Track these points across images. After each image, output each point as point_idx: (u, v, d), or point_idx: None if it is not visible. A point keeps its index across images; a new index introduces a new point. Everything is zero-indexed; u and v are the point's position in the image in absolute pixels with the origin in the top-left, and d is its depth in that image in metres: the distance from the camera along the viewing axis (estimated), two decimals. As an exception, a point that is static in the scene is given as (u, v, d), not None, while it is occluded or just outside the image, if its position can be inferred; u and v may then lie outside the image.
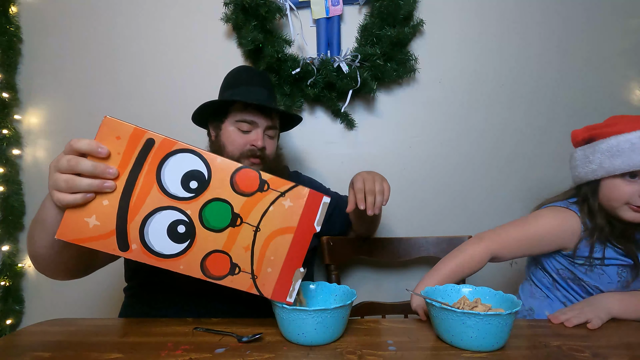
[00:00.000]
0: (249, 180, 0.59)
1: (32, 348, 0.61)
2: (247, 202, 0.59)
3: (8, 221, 1.32)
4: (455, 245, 1.12)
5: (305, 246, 0.62)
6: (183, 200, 0.58)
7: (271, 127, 0.96)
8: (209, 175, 0.58)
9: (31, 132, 1.36)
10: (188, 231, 0.59)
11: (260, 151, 0.93)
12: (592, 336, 0.65)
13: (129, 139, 0.56)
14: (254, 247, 0.60)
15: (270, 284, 0.62)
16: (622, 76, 1.28)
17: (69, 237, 0.56)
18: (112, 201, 0.56)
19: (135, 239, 0.58)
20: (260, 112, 0.93)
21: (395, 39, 1.18)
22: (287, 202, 0.60)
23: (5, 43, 1.30)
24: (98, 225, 0.57)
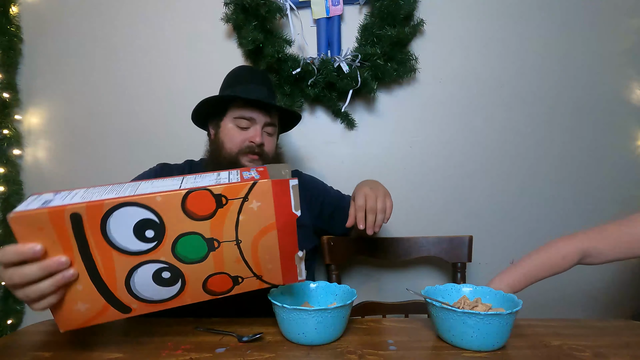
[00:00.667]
0: (202, 203, 0.53)
1: (32, 348, 0.61)
2: (213, 224, 0.54)
3: (9, 221, 1.32)
4: (456, 245, 1.13)
5: (293, 232, 0.59)
6: (149, 252, 0.53)
7: (270, 124, 0.96)
8: (159, 217, 0.52)
9: (32, 132, 1.37)
10: (174, 273, 0.56)
11: (259, 148, 0.93)
12: (593, 335, 0.65)
13: (52, 224, 0.49)
14: (244, 257, 0.58)
15: (277, 275, 0.61)
16: (623, 76, 1.28)
17: (73, 325, 0.55)
18: (84, 283, 0.53)
19: (131, 301, 0.56)
20: (258, 108, 0.93)
21: (396, 38, 1.18)
22: (254, 204, 0.55)
23: (5, 43, 1.30)
24: (89, 307, 0.54)
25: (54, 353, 0.59)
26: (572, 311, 1.31)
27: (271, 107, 0.96)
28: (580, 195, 1.30)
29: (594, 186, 1.30)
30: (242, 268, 0.59)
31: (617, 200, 1.29)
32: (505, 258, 1.32)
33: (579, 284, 1.31)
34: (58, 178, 1.36)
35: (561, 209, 1.30)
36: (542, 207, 1.30)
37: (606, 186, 1.29)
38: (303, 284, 0.73)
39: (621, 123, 1.28)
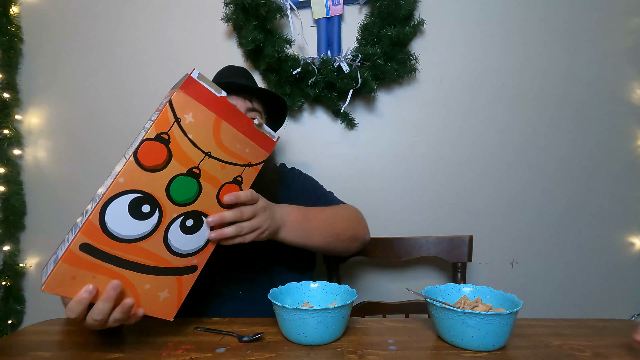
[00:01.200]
0: (154, 152, 0.54)
1: (33, 348, 0.61)
2: (178, 159, 0.56)
3: (9, 221, 1.32)
4: (456, 244, 1.13)
5: (235, 110, 0.61)
6: (161, 219, 0.56)
7: (252, 109, 0.94)
8: (138, 191, 0.54)
9: (32, 132, 1.37)
10: (195, 218, 0.59)
11: None
12: (593, 335, 0.65)
13: (76, 266, 0.51)
14: (224, 160, 0.60)
15: (258, 151, 0.65)
16: (623, 75, 1.28)
17: (174, 311, 0.62)
18: (147, 281, 0.57)
19: (187, 260, 0.61)
20: (237, 95, 0.92)
21: (396, 38, 1.18)
22: (188, 117, 0.56)
23: (6, 43, 1.30)
24: (169, 290, 0.60)
25: (54, 353, 0.59)
26: (573, 311, 1.31)
27: (246, 91, 0.94)
28: (580, 195, 1.30)
29: (594, 186, 1.30)
30: (231, 169, 0.62)
31: (617, 200, 1.29)
32: (505, 258, 1.32)
33: (579, 284, 1.31)
34: (58, 178, 1.36)
35: (561, 209, 1.30)
36: (543, 206, 1.30)
37: (606, 186, 1.29)
38: (303, 283, 0.73)
39: (621, 123, 1.28)
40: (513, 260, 1.32)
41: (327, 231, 0.81)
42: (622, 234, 1.30)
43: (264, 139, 0.66)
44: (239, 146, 0.61)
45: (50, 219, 1.36)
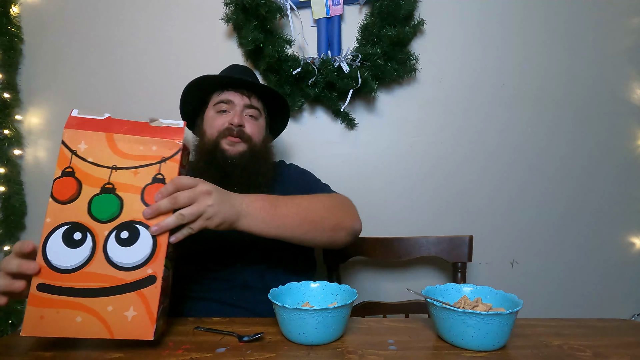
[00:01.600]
0: (64, 188, 0.60)
1: (33, 347, 0.61)
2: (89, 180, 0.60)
3: (9, 221, 1.32)
4: (456, 244, 1.13)
5: (125, 121, 0.63)
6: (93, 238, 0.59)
7: (251, 106, 0.94)
8: (67, 223, 0.59)
9: (32, 132, 1.37)
10: (130, 229, 0.60)
11: (238, 129, 0.89)
12: (593, 335, 0.65)
13: (42, 304, 0.57)
14: (131, 167, 0.61)
15: (168, 142, 0.63)
16: (623, 75, 1.28)
17: (151, 330, 0.59)
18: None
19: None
20: (235, 90, 0.93)
21: (396, 38, 1.18)
22: (82, 145, 0.61)
23: (6, 43, 1.30)
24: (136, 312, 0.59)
25: (55, 353, 0.59)
26: (573, 311, 1.31)
27: (246, 86, 0.94)
28: (580, 194, 1.30)
29: (593, 186, 1.30)
30: (145, 171, 0.62)
31: (617, 200, 1.29)
32: (505, 258, 1.32)
33: (579, 283, 1.31)
34: (58, 178, 1.36)
35: (561, 209, 1.30)
36: (543, 206, 1.30)
37: (606, 186, 1.29)
38: (303, 283, 0.73)
39: (621, 122, 1.28)
40: (513, 260, 1.32)
41: (301, 219, 0.74)
42: (622, 234, 1.30)
43: (168, 130, 0.64)
44: (142, 148, 0.62)
45: (51, 219, 1.36)
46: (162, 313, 0.61)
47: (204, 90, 0.97)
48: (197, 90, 0.97)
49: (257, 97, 0.96)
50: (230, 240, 0.86)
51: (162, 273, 0.59)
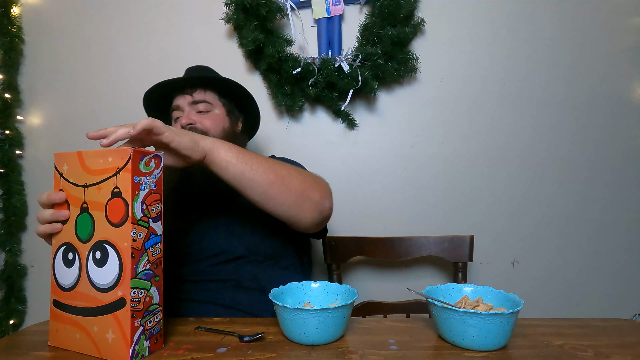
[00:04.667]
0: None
1: (34, 348, 0.61)
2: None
3: (11, 221, 1.32)
4: (457, 244, 1.13)
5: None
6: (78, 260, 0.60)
7: (196, 102, 0.92)
8: (67, 242, 0.61)
9: (33, 133, 1.37)
10: (101, 250, 0.58)
11: (189, 129, 0.88)
12: (594, 335, 0.65)
13: (56, 319, 0.61)
14: (96, 183, 0.59)
15: (120, 151, 0.57)
16: (626, 75, 1.28)
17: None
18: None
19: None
20: (180, 93, 0.93)
21: (396, 38, 1.18)
22: (65, 167, 0.62)
23: (7, 44, 1.31)
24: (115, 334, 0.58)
25: (56, 353, 0.59)
26: (574, 310, 1.31)
27: (186, 84, 0.93)
28: (582, 194, 1.30)
29: (596, 185, 1.29)
30: (105, 186, 0.58)
31: (618, 200, 1.29)
32: (506, 258, 1.31)
33: (580, 283, 1.31)
34: (59, 178, 1.36)
35: (563, 209, 1.30)
36: (544, 206, 1.30)
37: (609, 185, 1.29)
38: (304, 283, 0.73)
39: (622, 122, 1.28)
40: (514, 260, 1.32)
41: (267, 169, 0.72)
42: (623, 233, 1.29)
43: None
44: (101, 161, 0.59)
45: (52, 219, 1.37)
46: (151, 334, 0.58)
47: (166, 103, 0.98)
48: (161, 104, 0.98)
49: (202, 91, 0.94)
50: (222, 240, 0.86)
51: (131, 295, 0.55)
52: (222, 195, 0.87)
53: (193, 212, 0.90)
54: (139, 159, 0.56)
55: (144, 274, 0.57)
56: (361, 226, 1.30)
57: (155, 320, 0.59)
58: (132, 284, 0.55)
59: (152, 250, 0.59)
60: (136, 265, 0.56)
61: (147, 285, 0.58)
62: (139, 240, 0.56)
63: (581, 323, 0.71)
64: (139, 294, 0.56)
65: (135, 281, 0.56)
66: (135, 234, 0.56)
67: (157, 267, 0.60)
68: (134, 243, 0.55)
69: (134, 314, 0.55)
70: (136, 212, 0.56)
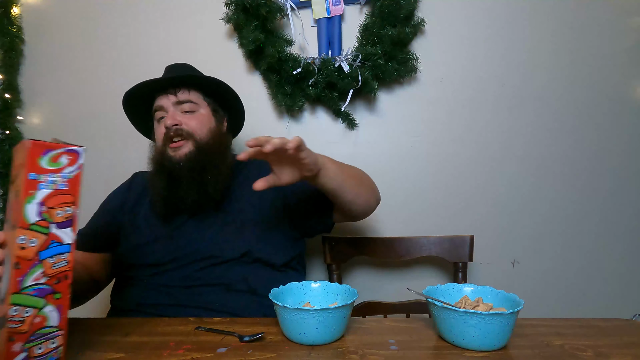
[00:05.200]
0: None
1: (34, 348, 0.61)
2: None
3: (10, 221, 1.32)
4: (457, 244, 1.13)
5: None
6: None
7: (180, 102, 0.90)
8: None
9: (33, 133, 1.37)
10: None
11: (175, 129, 0.87)
12: (595, 335, 0.65)
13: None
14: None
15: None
16: (625, 75, 1.28)
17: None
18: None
19: None
20: (163, 93, 0.91)
21: (397, 38, 1.18)
22: None
23: (7, 44, 1.30)
24: None
25: (56, 353, 0.59)
26: (574, 311, 1.31)
27: (169, 84, 0.91)
28: (582, 194, 1.30)
29: (596, 185, 1.29)
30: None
31: (618, 199, 1.29)
32: (506, 258, 1.31)
33: (580, 283, 1.31)
34: (59, 178, 1.36)
35: (563, 209, 1.30)
36: (544, 206, 1.30)
37: (609, 185, 1.29)
38: (304, 283, 0.73)
39: (622, 122, 1.28)
40: (514, 260, 1.32)
41: (353, 173, 0.86)
42: (624, 233, 1.29)
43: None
44: (18, 156, 0.51)
45: (52, 219, 1.37)
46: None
47: (146, 104, 0.96)
48: (142, 104, 0.97)
49: (187, 90, 0.92)
50: (209, 243, 0.85)
51: (11, 313, 0.46)
52: (209, 200, 0.87)
53: (179, 217, 0.89)
54: (39, 154, 0.47)
55: (36, 290, 0.48)
56: (361, 226, 1.30)
57: (50, 346, 0.49)
58: (14, 300, 0.46)
59: (53, 262, 0.49)
60: (22, 277, 0.46)
61: (39, 303, 0.48)
62: (29, 249, 0.47)
63: (581, 323, 0.71)
64: (23, 313, 0.47)
65: (18, 297, 0.46)
66: (24, 240, 0.47)
67: (60, 283, 0.50)
68: (21, 251, 0.46)
69: (12, 336, 0.46)
70: (28, 214, 0.47)
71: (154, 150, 0.92)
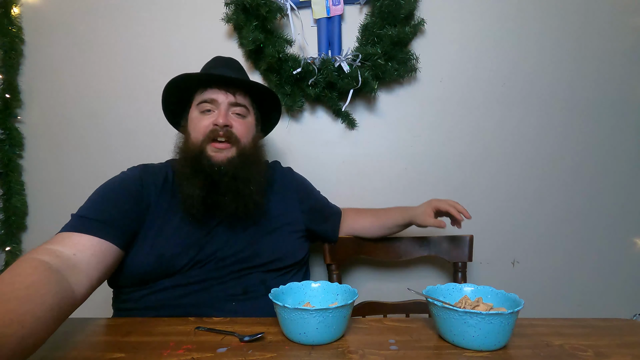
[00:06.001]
0: None
1: (34, 348, 0.61)
2: None
3: (11, 221, 1.32)
4: (457, 244, 1.13)
5: None
6: None
7: (237, 104, 0.87)
8: None
9: (33, 133, 1.37)
10: None
11: (224, 130, 0.83)
12: (594, 335, 0.65)
13: None
14: None
15: None
16: (626, 74, 1.28)
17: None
18: None
19: None
20: (219, 88, 0.86)
21: (396, 38, 1.18)
22: None
23: (7, 44, 1.31)
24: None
25: (55, 353, 0.59)
26: (574, 310, 1.31)
27: (229, 84, 0.87)
28: (581, 194, 1.30)
29: (595, 185, 1.29)
30: None
31: (619, 200, 1.29)
32: (506, 257, 1.32)
33: (580, 283, 1.31)
34: (59, 178, 1.36)
35: (563, 209, 1.30)
36: (544, 206, 1.30)
37: (608, 185, 1.29)
38: (304, 283, 0.73)
39: (622, 122, 1.28)
40: (514, 260, 1.32)
41: None
42: (624, 233, 1.30)
43: None
44: None
45: (52, 219, 1.36)
46: None
47: (185, 88, 0.90)
48: (177, 88, 0.90)
49: (243, 93, 0.88)
50: (241, 250, 0.85)
51: None
52: (247, 212, 0.85)
53: (211, 220, 0.86)
54: None
55: None
56: (361, 226, 1.30)
57: None
58: None
59: None
60: None
61: None
62: None
63: (581, 323, 0.71)
64: None
65: None
66: None
67: None
68: None
69: None
70: None
71: (189, 143, 0.85)
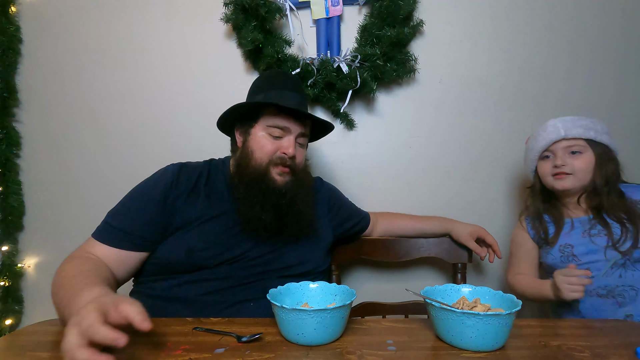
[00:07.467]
0: None
1: (31, 348, 0.61)
2: None
3: (8, 221, 1.32)
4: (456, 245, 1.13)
5: None
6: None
7: (303, 134, 0.91)
8: None
9: (31, 132, 1.36)
10: None
11: (291, 160, 0.87)
12: (591, 336, 0.65)
13: None
14: None
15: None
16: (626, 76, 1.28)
17: None
18: None
19: None
20: (293, 117, 0.87)
21: (395, 39, 1.18)
22: None
23: (4, 43, 1.30)
24: None
25: (53, 353, 0.59)
26: (572, 311, 1.31)
27: (307, 117, 0.90)
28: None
29: (593, 187, 1.29)
30: None
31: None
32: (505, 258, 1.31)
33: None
34: (57, 178, 1.36)
35: (560, 210, 1.30)
36: (542, 207, 1.30)
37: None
38: (302, 284, 0.73)
39: (625, 123, 1.28)
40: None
41: None
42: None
43: None
44: None
45: (49, 219, 1.36)
46: None
47: (259, 106, 0.90)
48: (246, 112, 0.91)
49: (307, 125, 0.92)
50: (260, 252, 0.87)
51: None
52: (301, 230, 0.90)
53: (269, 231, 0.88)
54: None
55: None
56: (360, 227, 1.30)
57: None
58: None
59: None
60: None
61: None
62: None
63: (578, 324, 0.72)
64: None
65: None
66: None
67: None
68: None
69: None
70: None
71: (252, 161, 0.87)
